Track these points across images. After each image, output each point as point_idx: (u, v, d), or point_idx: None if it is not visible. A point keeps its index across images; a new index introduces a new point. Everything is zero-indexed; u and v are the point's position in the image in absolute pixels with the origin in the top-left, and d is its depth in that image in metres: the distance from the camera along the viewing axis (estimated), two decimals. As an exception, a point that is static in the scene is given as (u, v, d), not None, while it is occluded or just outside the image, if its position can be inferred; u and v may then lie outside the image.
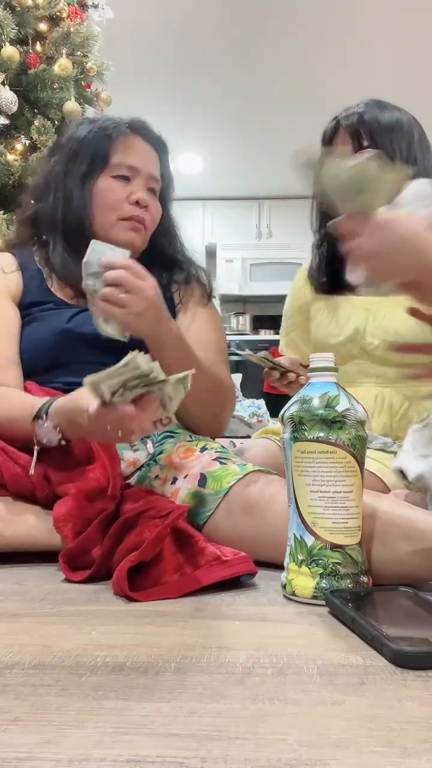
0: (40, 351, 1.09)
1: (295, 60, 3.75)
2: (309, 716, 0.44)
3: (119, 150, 1.16)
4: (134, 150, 1.17)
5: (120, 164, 1.16)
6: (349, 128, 1.30)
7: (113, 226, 1.15)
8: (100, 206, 1.15)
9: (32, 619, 0.65)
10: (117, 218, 1.15)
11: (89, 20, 2.42)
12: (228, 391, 1.15)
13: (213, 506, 0.89)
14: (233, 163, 5.07)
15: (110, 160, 1.16)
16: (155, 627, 0.63)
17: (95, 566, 0.78)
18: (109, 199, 1.15)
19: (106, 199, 1.15)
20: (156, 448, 1.07)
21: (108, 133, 1.17)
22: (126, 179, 1.16)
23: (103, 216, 1.16)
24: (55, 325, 1.10)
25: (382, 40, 3.55)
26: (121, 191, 1.15)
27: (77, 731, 0.41)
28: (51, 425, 0.90)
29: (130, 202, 1.15)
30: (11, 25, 2.11)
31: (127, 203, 1.15)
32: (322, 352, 0.78)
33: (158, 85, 3.98)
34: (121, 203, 1.15)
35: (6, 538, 0.87)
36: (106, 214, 1.15)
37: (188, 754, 0.39)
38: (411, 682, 0.50)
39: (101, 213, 1.16)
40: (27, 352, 1.10)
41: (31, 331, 1.12)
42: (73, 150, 1.19)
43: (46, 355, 1.09)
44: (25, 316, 1.14)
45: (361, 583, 0.71)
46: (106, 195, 1.15)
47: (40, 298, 1.15)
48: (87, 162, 1.16)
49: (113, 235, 1.15)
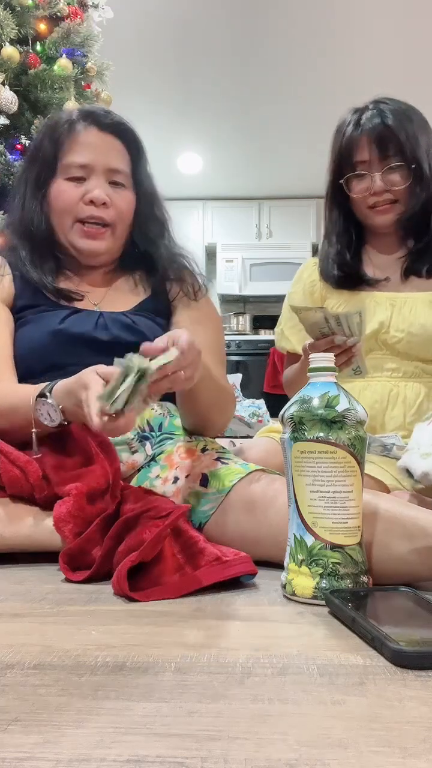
0: (35, 353, 1.08)
1: (296, 60, 3.75)
2: (309, 716, 0.44)
3: (68, 149, 1.12)
4: (85, 144, 1.12)
5: (70, 164, 1.12)
6: (374, 138, 1.31)
7: (70, 230, 1.13)
8: (55, 211, 1.14)
9: (32, 619, 0.65)
10: (73, 220, 1.12)
11: (89, 20, 2.42)
12: (227, 394, 1.13)
13: (215, 505, 0.89)
14: (233, 163, 5.07)
15: (59, 162, 1.13)
16: (155, 627, 0.63)
17: (95, 566, 0.78)
18: (61, 202, 1.12)
19: (59, 203, 1.12)
20: (156, 449, 1.07)
21: (56, 134, 1.14)
22: (80, 179, 1.12)
23: (60, 220, 1.14)
24: (49, 326, 1.09)
25: (384, 40, 3.55)
26: (74, 192, 1.11)
27: (77, 731, 0.41)
28: (54, 402, 0.90)
29: (84, 202, 1.11)
30: (11, 25, 2.11)
31: (82, 203, 1.11)
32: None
33: (158, 85, 3.98)
34: (75, 204, 1.11)
35: (6, 539, 0.87)
36: (63, 217, 1.13)
37: (188, 754, 0.39)
38: (411, 682, 0.50)
39: (57, 217, 1.14)
40: (22, 355, 1.09)
41: (25, 334, 1.11)
42: (30, 156, 1.18)
43: (41, 357, 1.08)
44: (18, 319, 1.14)
45: (361, 583, 0.71)
46: (58, 198, 1.12)
47: (32, 301, 1.14)
48: (38, 168, 1.15)
49: (72, 241, 1.13)
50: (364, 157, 1.33)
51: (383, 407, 1.30)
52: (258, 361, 4.82)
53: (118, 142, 1.15)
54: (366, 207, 1.36)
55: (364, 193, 1.34)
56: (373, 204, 1.35)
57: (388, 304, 1.34)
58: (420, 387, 1.32)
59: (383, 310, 1.33)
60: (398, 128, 1.30)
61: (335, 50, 3.65)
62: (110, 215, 1.13)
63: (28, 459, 0.91)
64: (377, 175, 1.32)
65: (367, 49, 3.63)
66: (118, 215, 1.14)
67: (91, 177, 1.12)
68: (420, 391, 1.31)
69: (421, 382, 1.33)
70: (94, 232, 1.12)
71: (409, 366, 1.33)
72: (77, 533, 0.83)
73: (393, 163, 1.31)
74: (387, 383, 1.32)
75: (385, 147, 1.30)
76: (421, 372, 1.33)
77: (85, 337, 1.07)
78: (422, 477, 0.95)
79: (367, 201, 1.35)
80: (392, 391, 1.31)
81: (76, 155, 1.12)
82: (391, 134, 1.30)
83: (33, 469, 0.90)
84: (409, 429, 1.28)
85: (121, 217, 1.15)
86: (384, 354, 1.34)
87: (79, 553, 0.81)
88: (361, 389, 1.32)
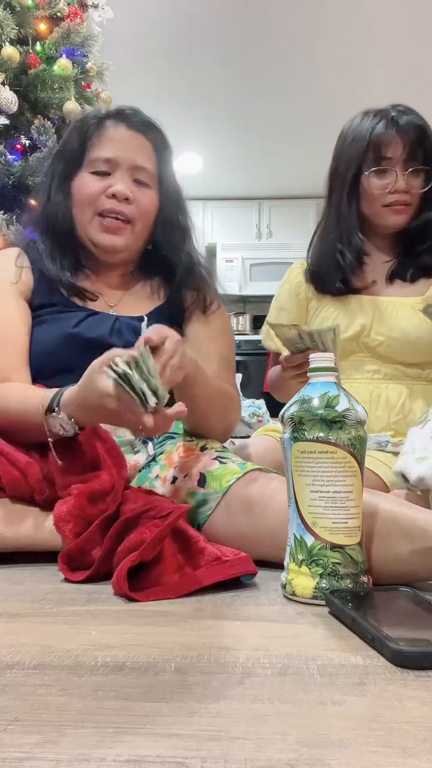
0: (48, 355, 1.07)
1: (296, 60, 3.75)
2: (309, 716, 0.44)
3: (95, 144, 1.12)
4: (112, 141, 1.12)
5: (96, 159, 1.12)
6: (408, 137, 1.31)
7: (90, 223, 1.12)
8: (77, 203, 1.13)
9: (32, 619, 0.65)
10: (93, 213, 1.12)
11: (89, 20, 2.42)
12: (234, 402, 1.12)
13: (213, 505, 0.89)
14: (233, 163, 5.07)
15: (86, 155, 1.13)
16: (155, 627, 0.63)
17: (95, 566, 0.78)
18: (83, 194, 1.12)
19: (81, 194, 1.12)
20: (156, 449, 1.07)
21: (84, 128, 1.14)
22: (105, 174, 1.12)
23: (80, 213, 1.13)
24: (63, 329, 1.08)
25: (385, 41, 3.55)
26: (97, 184, 1.11)
27: (77, 731, 0.41)
28: (65, 416, 0.89)
29: (107, 195, 1.10)
30: (11, 25, 2.11)
31: (104, 197, 1.11)
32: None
33: (158, 85, 3.98)
34: (97, 197, 1.11)
35: (6, 539, 0.87)
36: (83, 209, 1.12)
37: (188, 754, 0.39)
38: (411, 682, 0.50)
39: (78, 210, 1.13)
40: (34, 355, 1.09)
41: (39, 334, 1.10)
42: (58, 151, 1.19)
43: (51, 359, 1.07)
44: (35, 317, 1.13)
45: (361, 583, 0.71)
46: (81, 190, 1.12)
47: (48, 300, 1.13)
48: (65, 161, 1.15)
49: (91, 234, 1.13)
50: (393, 154, 1.32)
51: (367, 408, 1.31)
52: (258, 361, 4.81)
53: (145, 141, 1.15)
54: (381, 205, 1.35)
55: (384, 190, 1.33)
56: (390, 202, 1.34)
57: (370, 308, 1.35)
58: (401, 388, 1.33)
59: (365, 314, 1.35)
60: (429, 134, 1.32)
61: (336, 50, 3.65)
62: (131, 211, 1.12)
63: (28, 460, 0.91)
64: (402, 174, 1.32)
65: (368, 50, 3.63)
66: (139, 212, 1.13)
67: (115, 172, 1.12)
68: (402, 392, 1.32)
69: (402, 383, 1.34)
70: (114, 226, 1.11)
71: (389, 368, 1.34)
72: (77, 533, 0.83)
73: (418, 165, 1.32)
74: (368, 385, 1.33)
75: (415, 148, 1.31)
76: (402, 374, 1.34)
77: (98, 342, 1.05)
78: (418, 481, 0.95)
79: (385, 198, 1.33)
80: (374, 392, 1.32)
81: (103, 150, 1.12)
82: (424, 137, 1.31)
83: (33, 471, 0.90)
84: (394, 429, 1.30)
85: (142, 215, 1.13)
86: (364, 356, 1.35)
87: (78, 554, 0.81)
88: None
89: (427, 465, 0.94)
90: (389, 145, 1.32)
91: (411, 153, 1.32)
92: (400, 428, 1.30)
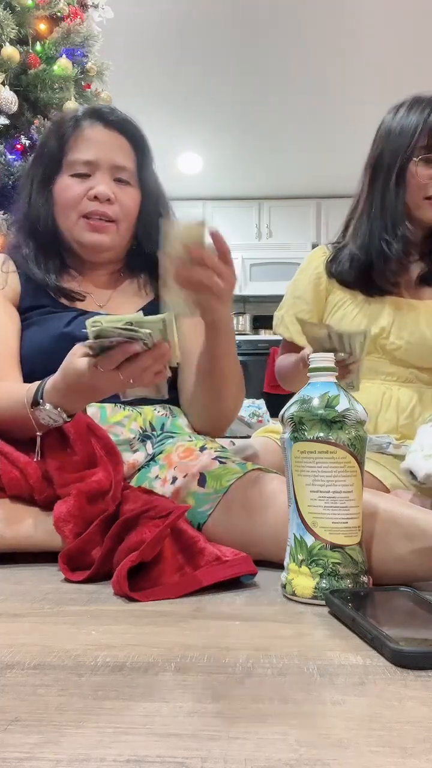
0: (40, 356, 1.07)
1: (296, 60, 3.75)
2: (309, 716, 0.44)
3: (73, 146, 1.12)
4: (90, 141, 1.12)
5: (75, 161, 1.12)
6: None
7: (75, 225, 1.13)
8: (60, 207, 1.14)
9: (32, 619, 0.65)
10: (78, 216, 1.12)
11: (89, 20, 2.42)
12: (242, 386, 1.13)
13: (213, 505, 0.89)
14: (233, 163, 5.07)
15: (65, 158, 1.13)
16: (155, 627, 0.63)
17: (95, 567, 0.78)
18: (65, 198, 1.12)
19: (63, 198, 1.12)
20: (156, 449, 1.07)
21: (61, 131, 1.14)
22: (85, 176, 1.12)
23: (64, 216, 1.14)
24: (54, 329, 1.09)
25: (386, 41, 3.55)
26: (78, 188, 1.11)
27: (77, 731, 0.41)
28: (51, 407, 0.90)
29: (89, 197, 1.11)
30: (11, 25, 2.11)
31: (86, 199, 1.11)
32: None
33: (158, 85, 3.98)
34: (79, 200, 1.11)
35: (6, 539, 0.87)
36: (67, 213, 1.13)
37: (188, 754, 0.39)
38: (411, 682, 0.50)
39: (62, 213, 1.14)
40: (26, 357, 1.09)
41: (30, 336, 1.11)
42: (36, 153, 1.19)
43: (45, 360, 1.05)
44: (24, 320, 1.13)
45: (361, 583, 0.71)
46: (63, 194, 1.12)
47: (36, 302, 1.14)
48: (44, 165, 1.15)
49: (77, 236, 1.13)
50: None
51: (377, 409, 1.30)
52: (258, 361, 4.82)
53: (123, 139, 1.15)
54: (424, 197, 1.30)
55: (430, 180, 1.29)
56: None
57: (392, 309, 1.33)
58: (413, 392, 1.31)
59: (386, 316, 1.32)
60: None
61: (336, 50, 3.65)
62: (114, 211, 1.12)
63: (27, 460, 0.91)
64: None
65: (369, 50, 3.63)
66: (122, 212, 1.13)
67: (96, 173, 1.12)
68: (413, 397, 1.31)
69: (414, 387, 1.32)
70: (100, 225, 1.12)
71: (404, 372, 1.33)
72: (77, 533, 0.83)
73: None
74: (381, 386, 1.32)
75: None
76: (416, 378, 1.33)
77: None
78: (425, 478, 0.95)
79: (429, 190, 1.30)
80: (385, 394, 1.31)
81: (81, 152, 1.12)
82: None
83: (32, 470, 0.90)
84: (401, 432, 1.28)
85: (126, 214, 1.14)
86: (380, 357, 1.33)
87: (78, 554, 0.81)
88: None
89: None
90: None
91: None
92: (407, 432, 1.28)
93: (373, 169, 1.36)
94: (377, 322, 1.32)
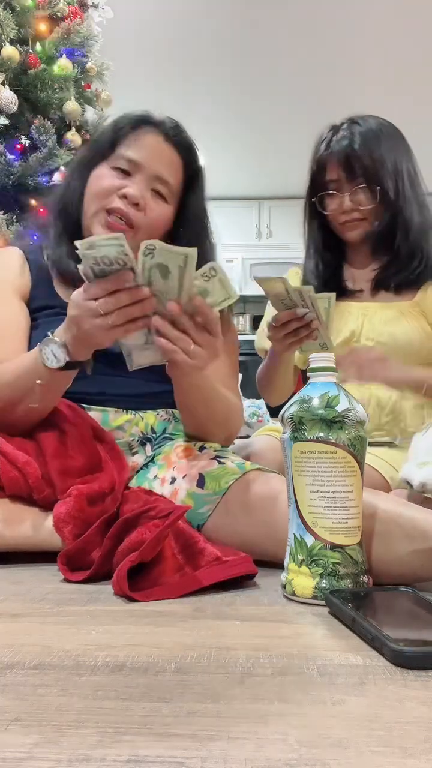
0: None
1: (296, 60, 3.75)
2: (309, 716, 0.44)
3: (125, 142, 1.10)
4: (142, 144, 1.09)
5: (121, 155, 1.09)
6: (341, 161, 1.36)
7: (94, 216, 1.09)
8: (88, 194, 1.10)
9: (32, 619, 0.65)
10: (99, 208, 1.08)
11: (89, 20, 2.42)
12: (236, 412, 1.10)
13: (212, 506, 0.89)
14: (233, 163, 5.07)
15: (113, 150, 1.10)
16: (155, 627, 0.63)
17: (95, 567, 0.78)
18: (96, 186, 1.09)
19: (95, 186, 1.09)
20: (155, 450, 1.07)
21: (120, 124, 1.12)
22: (126, 173, 1.09)
23: (89, 203, 1.10)
24: None
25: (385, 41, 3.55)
26: (113, 181, 1.08)
27: (77, 731, 0.41)
28: (57, 345, 0.88)
29: (118, 194, 1.07)
30: (11, 25, 2.11)
31: (116, 195, 1.07)
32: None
33: (158, 85, 3.97)
34: (109, 193, 1.08)
35: (6, 539, 0.87)
36: (92, 201, 1.09)
37: (188, 754, 0.39)
38: (411, 682, 0.50)
39: (88, 200, 1.10)
40: None
41: (37, 337, 1.08)
42: (91, 140, 1.19)
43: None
44: (32, 320, 1.12)
45: (361, 583, 0.71)
46: (95, 182, 1.09)
47: (46, 302, 1.12)
48: (92, 151, 1.14)
49: (91, 227, 1.09)
50: (334, 176, 1.39)
51: None
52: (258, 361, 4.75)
53: (177, 157, 1.12)
54: (338, 223, 1.43)
55: (336, 211, 1.41)
56: (343, 221, 1.41)
57: (360, 314, 1.39)
58: (391, 391, 1.35)
59: (355, 320, 1.39)
60: (363, 152, 1.34)
61: (336, 50, 3.65)
62: (138, 217, 1.07)
63: (27, 460, 0.91)
64: (346, 195, 1.38)
65: (368, 50, 3.63)
66: (145, 221, 1.08)
67: (135, 175, 1.08)
68: (392, 394, 1.34)
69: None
70: (115, 225, 1.07)
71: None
72: (77, 534, 0.83)
73: (359, 185, 1.36)
74: (360, 387, 1.35)
75: (351, 169, 1.36)
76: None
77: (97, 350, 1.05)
78: (420, 487, 0.96)
79: (338, 218, 1.41)
80: (364, 394, 1.35)
81: (131, 150, 1.09)
82: (356, 158, 1.35)
83: (32, 470, 0.90)
84: (385, 429, 1.33)
85: (149, 225, 1.09)
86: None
87: (77, 555, 0.81)
88: None
89: (429, 470, 0.94)
90: (329, 168, 1.39)
91: (348, 174, 1.36)
92: (391, 429, 1.33)
93: (305, 198, 1.49)
94: (347, 326, 1.38)
